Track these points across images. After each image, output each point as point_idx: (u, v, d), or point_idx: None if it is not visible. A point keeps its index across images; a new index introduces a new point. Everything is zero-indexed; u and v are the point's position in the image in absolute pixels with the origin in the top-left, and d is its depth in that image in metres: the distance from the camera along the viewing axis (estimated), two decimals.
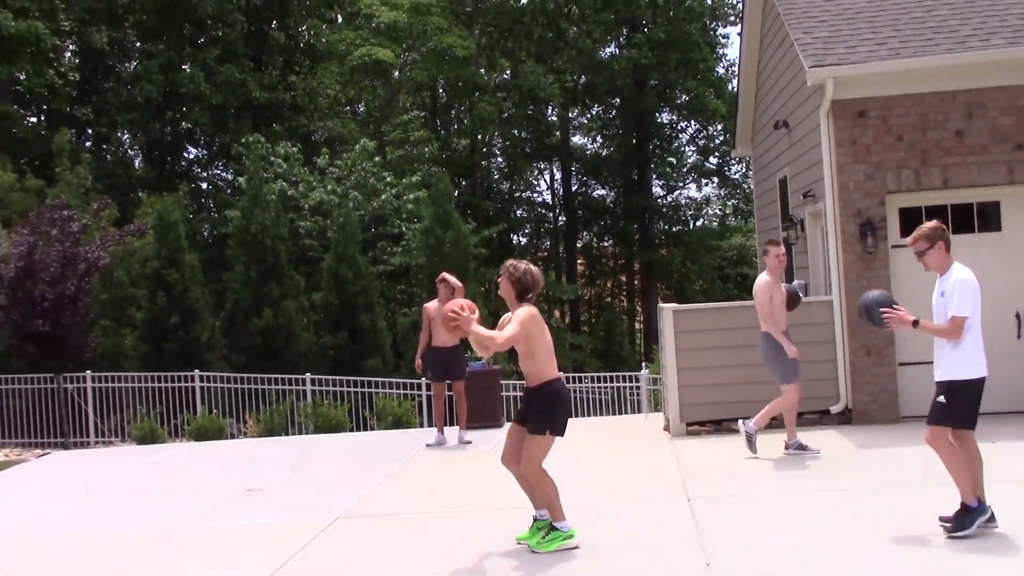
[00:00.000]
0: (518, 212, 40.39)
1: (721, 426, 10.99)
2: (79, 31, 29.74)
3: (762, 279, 9.25)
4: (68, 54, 31.25)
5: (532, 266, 6.54)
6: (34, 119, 31.31)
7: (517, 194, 40.84)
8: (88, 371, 16.90)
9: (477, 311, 6.26)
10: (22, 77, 27.63)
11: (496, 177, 39.99)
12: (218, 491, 9.49)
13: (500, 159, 40.25)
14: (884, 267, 10.67)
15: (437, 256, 21.44)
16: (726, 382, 10.87)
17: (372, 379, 18.35)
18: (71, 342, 16.20)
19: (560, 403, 6.38)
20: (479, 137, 36.92)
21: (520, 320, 6.24)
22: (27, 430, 16.66)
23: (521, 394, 7.39)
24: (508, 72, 38.84)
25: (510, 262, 6.49)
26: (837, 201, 10.79)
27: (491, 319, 26.45)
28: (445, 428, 11.91)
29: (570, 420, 6.51)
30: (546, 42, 36.87)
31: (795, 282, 11.69)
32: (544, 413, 6.34)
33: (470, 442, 11.62)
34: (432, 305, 11.70)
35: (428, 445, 11.63)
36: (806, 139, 12.17)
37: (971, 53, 10.43)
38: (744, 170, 37.08)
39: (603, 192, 40.27)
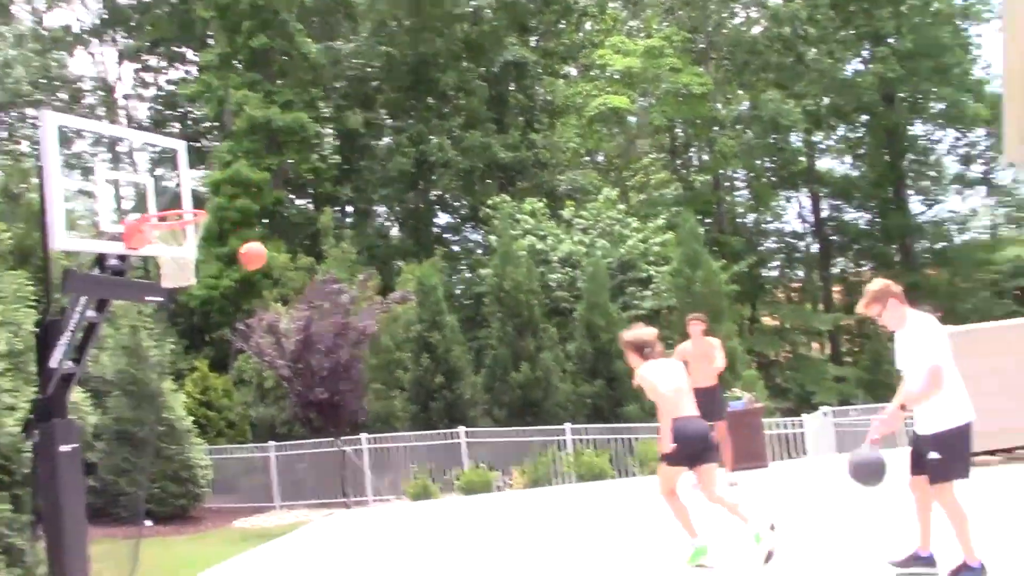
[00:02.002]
0: (767, 244, 39.36)
1: (1012, 453, 10.16)
2: (337, 116, 32.14)
3: None
4: (328, 139, 33.79)
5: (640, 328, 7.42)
6: (301, 202, 33.99)
7: (765, 226, 39.84)
8: (363, 434, 17.98)
9: None
10: (289, 164, 30.12)
11: (742, 211, 39.24)
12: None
13: (744, 192, 39.50)
14: None
15: (688, 297, 21.26)
16: (1012, 408, 10.03)
17: (632, 425, 18.35)
18: (348, 407, 17.26)
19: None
20: (721, 172, 36.43)
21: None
22: (312, 491, 17.91)
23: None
24: (747, 103, 38.19)
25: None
26: None
27: (748, 356, 25.77)
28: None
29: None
30: (785, 68, 35.99)
31: None
32: None
33: (735, 484, 11.34)
34: (686, 347, 11.50)
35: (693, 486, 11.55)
36: None
37: None
38: (1015, 175, 34.33)
39: (857, 215, 38.55)
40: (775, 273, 39.79)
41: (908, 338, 6.02)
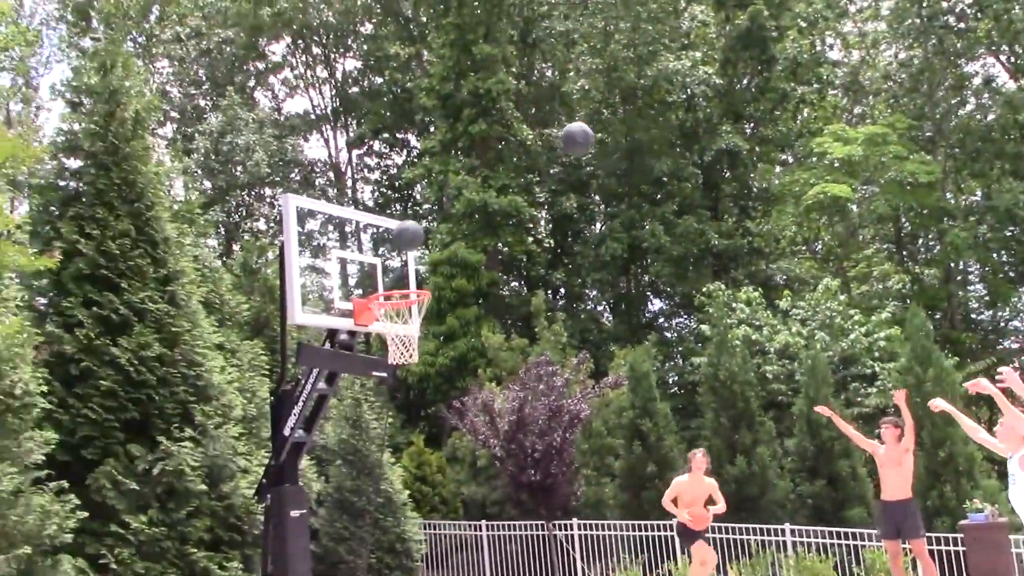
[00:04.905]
0: (1006, 343, 36.64)
1: None
2: (551, 201, 32.71)
3: None
4: (542, 222, 34.36)
5: None
6: (515, 284, 34.55)
7: (1003, 324, 37.19)
8: (575, 519, 17.66)
9: None
10: (503, 247, 30.72)
11: (975, 306, 36.84)
12: None
13: (979, 287, 37.11)
14: None
15: (918, 395, 19.88)
16: None
17: (856, 530, 17.21)
18: (559, 491, 17.07)
19: None
20: (952, 265, 34.45)
21: None
22: (521, 573, 17.67)
23: None
24: (979, 193, 36.10)
25: None
26: None
27: (987, 464, 23.87)
28: None
29: None
30: (1021, 157, 33.89)
31: None
32: None
33: None
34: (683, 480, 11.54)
35: None
36: None
37: None
38: None
39: None
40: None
41: None
